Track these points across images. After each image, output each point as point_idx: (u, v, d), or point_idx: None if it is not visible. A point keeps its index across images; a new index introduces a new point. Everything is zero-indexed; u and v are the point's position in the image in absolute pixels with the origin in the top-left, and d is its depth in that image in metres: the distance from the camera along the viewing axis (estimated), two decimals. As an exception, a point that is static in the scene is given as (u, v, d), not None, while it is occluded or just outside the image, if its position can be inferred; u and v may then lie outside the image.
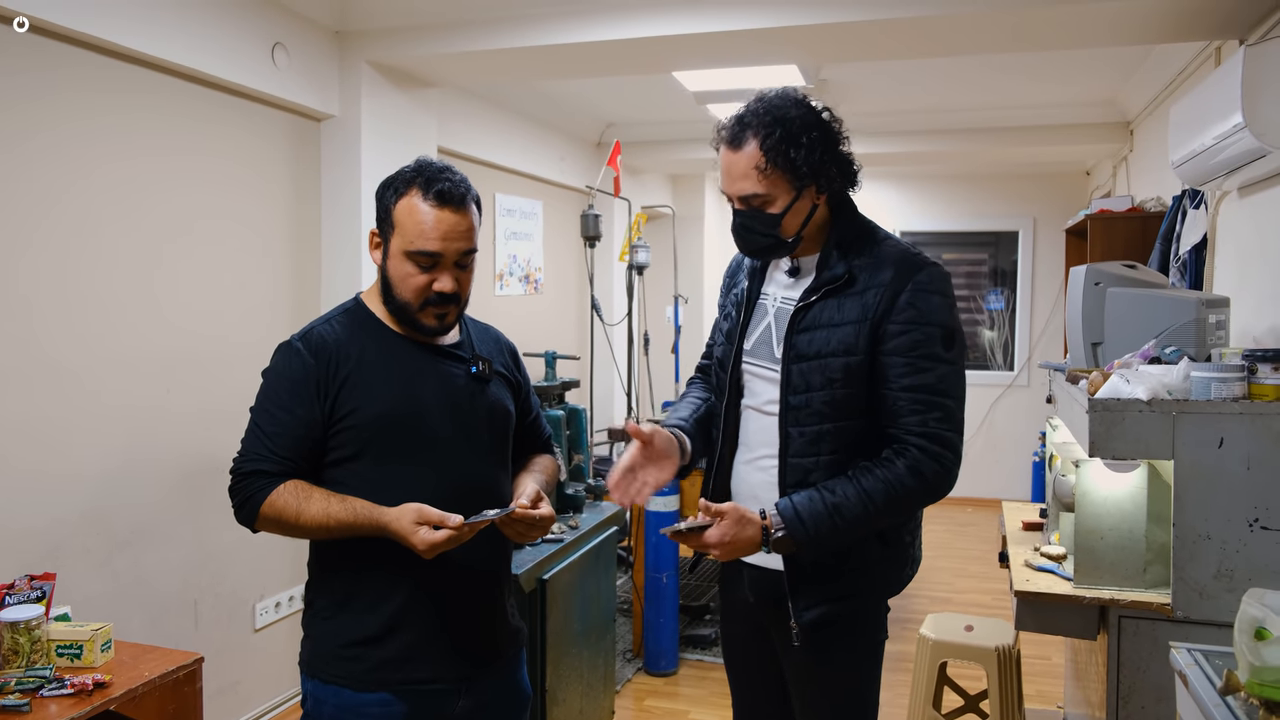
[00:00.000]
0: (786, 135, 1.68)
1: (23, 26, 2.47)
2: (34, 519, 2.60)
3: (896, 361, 1.67)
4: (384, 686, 1.68)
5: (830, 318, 1.72)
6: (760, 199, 1.72)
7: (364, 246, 3.70)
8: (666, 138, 6.17)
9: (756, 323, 1.86)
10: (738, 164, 1.72)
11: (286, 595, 3.57)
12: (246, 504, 1.65)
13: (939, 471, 1.67)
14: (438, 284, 1.69)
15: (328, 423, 1.67)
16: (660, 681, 3.98)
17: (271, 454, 1.65)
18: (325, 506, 1.61)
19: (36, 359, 2.61)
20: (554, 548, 2.67)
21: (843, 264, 1.74)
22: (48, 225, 2.64)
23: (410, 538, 1.56)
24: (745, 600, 1.91)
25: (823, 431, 1.71)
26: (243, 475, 1.66)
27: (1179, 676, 1.73)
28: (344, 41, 3.68)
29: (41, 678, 2.05)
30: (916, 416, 1.66)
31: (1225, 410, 2.16)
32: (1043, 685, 3.82)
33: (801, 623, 1.75)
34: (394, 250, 1.69)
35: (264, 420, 1.68)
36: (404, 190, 1.68)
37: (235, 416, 3.21)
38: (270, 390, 1.71)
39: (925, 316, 1.68)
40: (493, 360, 1.85)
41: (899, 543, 1.82)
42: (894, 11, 3.15)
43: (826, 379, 1.70)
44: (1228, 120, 2.72)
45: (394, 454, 1.68)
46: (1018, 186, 7.41)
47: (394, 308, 1.73)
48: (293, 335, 1.74)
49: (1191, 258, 3.67)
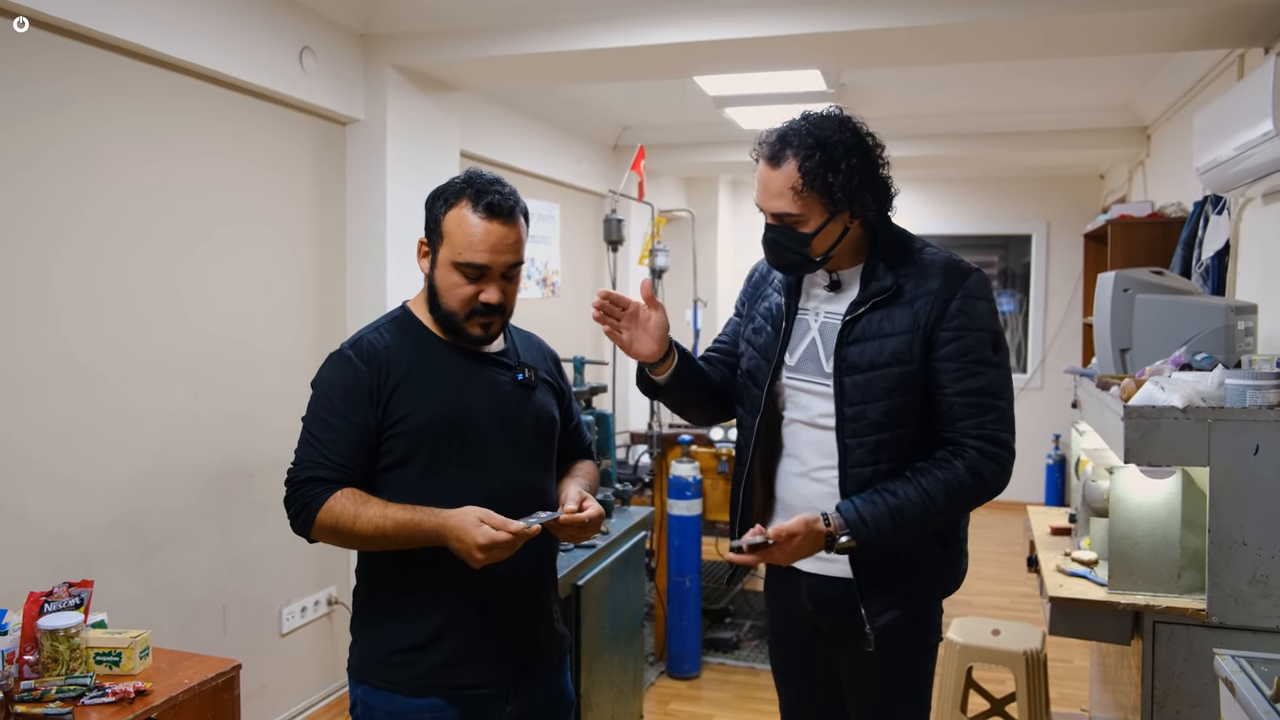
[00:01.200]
0: (826, 159, 1.69)
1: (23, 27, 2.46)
2: (66, 524, 2.61)
3: (949, 367, 1.71)
4: (434, 692, 1.69)
5: (880, 328, 1.74)
6: (793, 218, 1.74)
7: (389, 250, 3.71)
8: (681, 141, 6.19)
9: (799, 338, 1.86)
10: (774, 182, 1.74)
11: (312, 599, 3.59)
12: (303, 511, 1.65)
13: (996, 470, 1.71)
14: (484, 295, 1.70)
15: (380, 429, 1.68)
16: (684, 685, 3.99)
17: (327, 461, 1.65)
18: (383, 510, 1.61)
19: (65, 363, 2.62)
20: (587, 553, 2.68)
21: (890, 275, 1.76)
22: (78, 230, 2.65)
23: (472, 530, 1.55)
24: (801, 608, 1.91)
25: (881, 441, 1.73)
26: (299, 483, 1.66)
27: (1224, 684, 1.74)
28: (369, 45, 3.69)
29: (82, 686, 2.05)
30: (972, 420, 1.70)
31: (1261, 418, 2.16)
32: (1066, 689, 3.82)
33: (876, 627, 1.76)
34: (442, 260, 1.71)
35: (318, 428, 1.68)
36: (454, 201, 1.69)
37: (260, 420, 3.27)
38: (323, 398, 1.70)
39: (975, 322, 1.72)
40: (537, 368, 1.86)
41: (956, 542, 1.86)
42: (924, 19, 3.16)
43: (883, 389, 1.72)
44: (1257, 128, 2.73)
45: (443, 459, 1.69)
46: (1032, 190, 7.41)
47: (439, 316, 1.74)
48: (343, 344, 1.75)
49: (1214, 264, 3.67)
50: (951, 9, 3.13)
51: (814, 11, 3.29)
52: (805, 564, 1.83)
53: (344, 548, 1.72)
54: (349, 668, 1.77)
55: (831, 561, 1.80)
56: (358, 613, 1.79)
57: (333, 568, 3.73)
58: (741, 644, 4.36)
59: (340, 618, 3.76)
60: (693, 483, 3.95)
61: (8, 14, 2.42)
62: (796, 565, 1.85)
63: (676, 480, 3.95)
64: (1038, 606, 5.02)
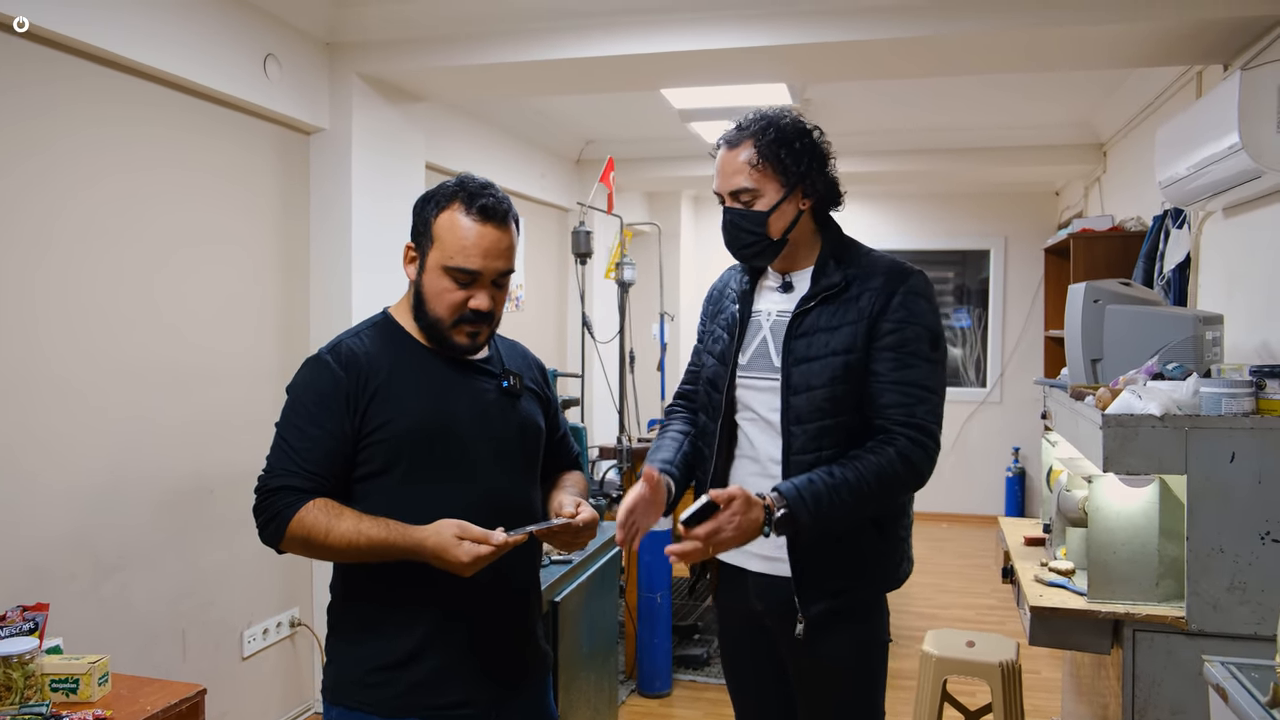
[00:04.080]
0: (779, 137, 1.82)
1: (22, 27, 2.40)
2: (16, 544, 2.49)
3: (887, 356, 1.78)
4: (412, 712, 1.62)
5: (827, 322, 1.82)
6: (750, 194, 1.83)
7: (354, 261, 3.64)
8: (645, 155, 6.18)
9: (750, 339, 1.93)
10: (732, 161, 1.85)
11: (274, 621, 3.48)
12: (273, 521, 1.57)
13: (924, 458, 1.77)
14: (474, 301, 1.65)
15: (357, 437, 1.62)
16: (655, 703, 3.93)
17: (300, 469, 1.58)
18: (356, 524, 1.55)
19: (12, 374, 2.51)
20: (563, 569, 2.62)
21: (839, 272, 1.85)
22: (45, 242, 2.56)
23: (452, 550, 1.51)
24: (750, 609, 1.94)
25: (824, 427, 1.79)
26: (270, 491, 1.58)
27: (1215, 690, 1.73)
28: (335, 54, 3.62)
29: (39, 715, 1.95)
30: (904, 408, 1.77)
31: (1236, 425, 2.19)
32: (1036, 700, 3.84)
33: (808, 616, 1.80)
34: (431, 264, 1.66)
35: (292, 435, 1.61)
36: (445, 204, 1.65)
37: (220, 434, 3.16)
38: (298, 404, 1.63)
39: (915, 318, 1.80)
40: (523, 376, 1.81)
41: (894, 536, 1.90)
42: (891, 32, 3.18)
43: (827, 378, 1.79)
44: (1222, 141, 2.79)
45: (424, 469, 1.63)
46: (990, 206, 7.52)
47: (425, 323, 1.69)
48: (321, 348, 1.69)
49: (1175, 276, 3.74)
50: (918, 23, 3.16)
51: (783, 24, 3.30)
52: (752, 564, 1.89)
53: (314, 558, 1.66)
54: (323, 687, 1.70)
55: (778, 560, 1.84)
56: (332, 630, 1.72)
57: (296, 588, 3.62)
58: (711, 660, 4.32)
59: (303, 640, 3.65)
60: (663, 497, 3.90)
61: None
62: (744, 566, 1.91)
63: (647, 495, 3.89)
64: (1004, 619, 5.05)
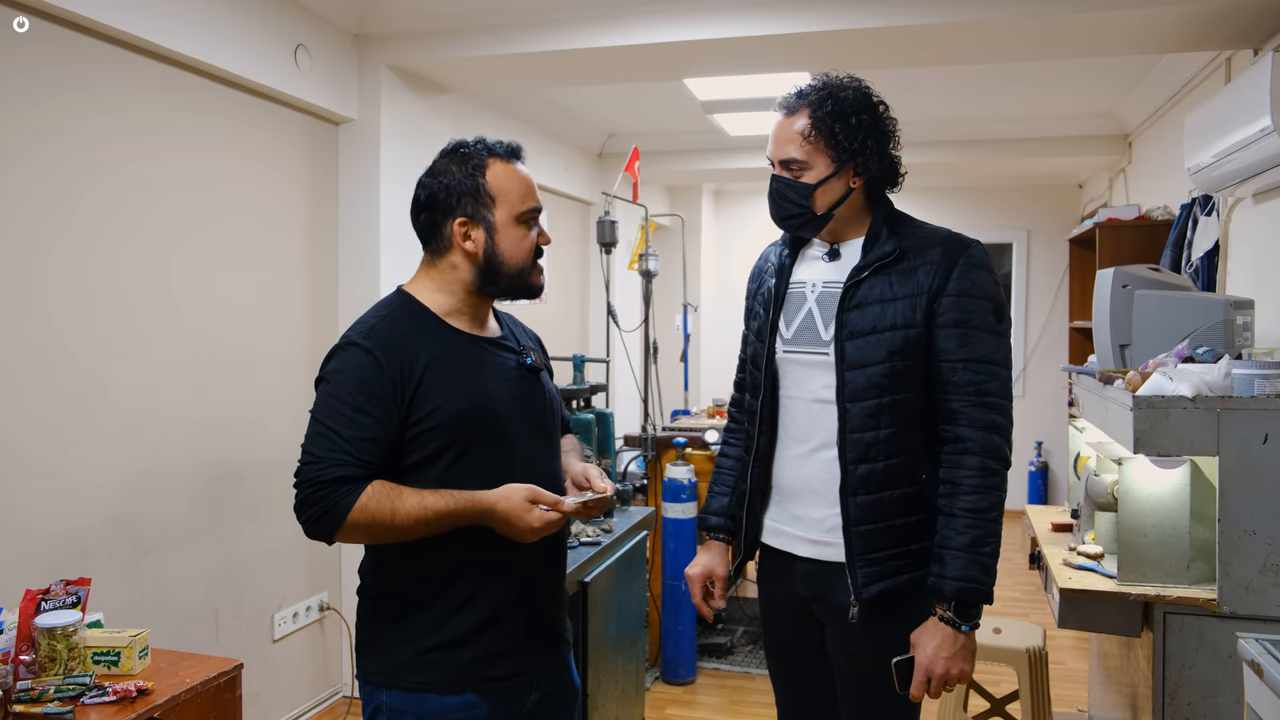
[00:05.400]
0: (837, 110, 1.75)
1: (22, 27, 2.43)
2: (60, 524, 2.54)
3: (951, 333, 1.72)
4: (470, 687, 1.62)
5: (883, 293, 1.75)
6: (798, 165, 1.78)
7: (382, 251, 3.67)
8: (667, 148, 6.19)
9: (794, 312, 1.86)
10: (785, 129, 1.79)
11: (304, 605, 3.52)
12: (330, 513, 1.51)
13: (1002, 444, 1.73)
14: (541, 238, 1.72)
15: (404, 425, 1.58)
16: (679, 690, 3.95)
17: (355, 459, 1.53)
18: (420, 500, 1.53)
19: (60, 361, 2.56)
20: (591, 551, 2.64)
21: (892, 241, 1.78)
22: (73, 226, 2.60)
23: (524, 516, 1.53)
24: (796, 595, 1.89)
25: (882, 405, 1.73)
26: (324, 484, 1.51)
27: (1250, 666, 1.74)
28: (363, 45, 3.66)
29: (82, 685, 1.99)
30: (974, 385, 1.71)
31: (1270, 406, 2.18)
32: (1062, 690, 3.83)
33: (862, 598, 1.74)
34: (502, 221, 1.66)
35: (340, 424, 1.54)
36: (485, 161, 1.67)
37: (252, 422, 3.21)
38: (341, 392, 1.56)
39: (978, 289, 1.73)
40: (534, 350, 1.83)
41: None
42: (914, 18, 3.18)
43: (887, 351, 1.72)
44: (1254, 124, 2.77)
45: (472, 451, 1.62)
46: (1013, 199, 7.49)
47: (505, 283, 1.69)
48: (352, 333, 1.63)
49: (1204, 264, 3.71)
50: (942, 9, 3.15)
51: (805, 11, 3.31)
52: (800, 548, 1.85)
53: (373, 543, 1.63)
54: (368, 673, 1.66)
55: (828, 545, 1.80)
56: (375, 615, 1.68)
57: (325, 573, 3.66)
58: (735, 649, 4.33)
59: (332, 623, 3.69)
60: (688, 485, 3.92)
61: (9, 6, 2.38)
62: (791, 551, 1.87)
63: (671, 483, 3.92)
64: (1030, 609, 5.03)
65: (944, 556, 1.68)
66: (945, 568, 1.68)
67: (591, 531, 2.78)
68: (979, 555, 1.67)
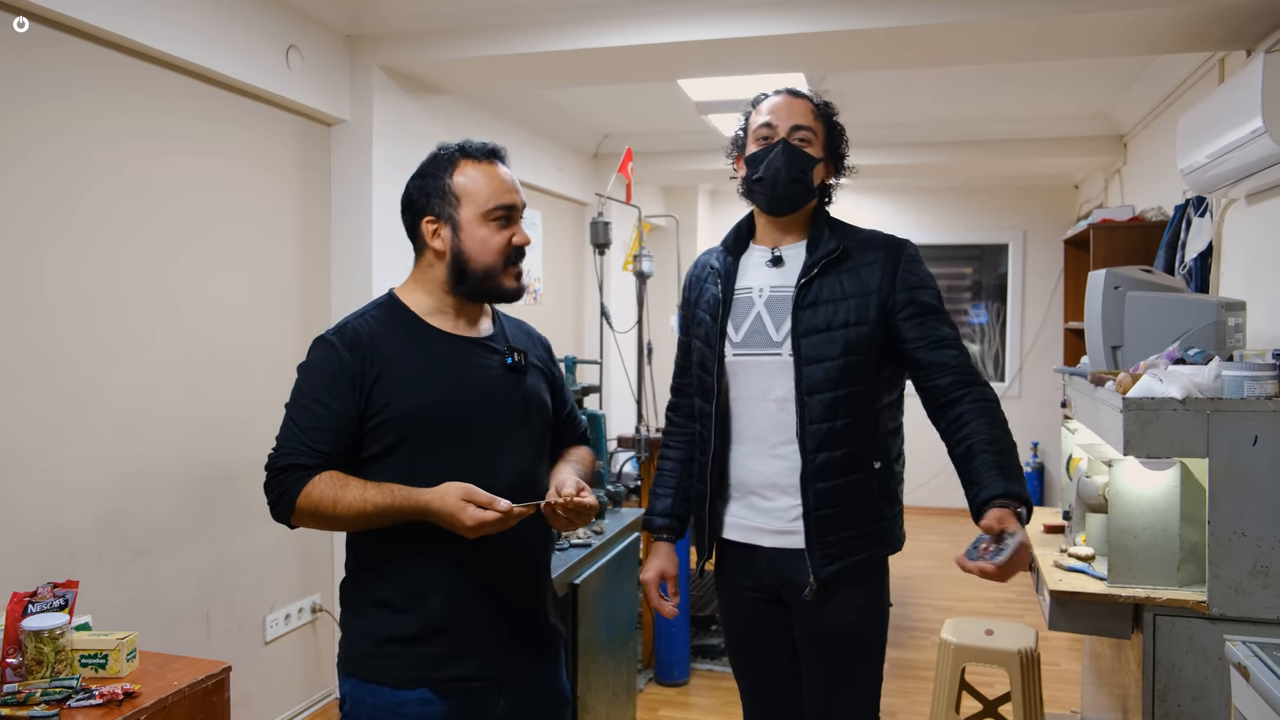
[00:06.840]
0: (828, 111, 2.00)
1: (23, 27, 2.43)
2: (52, 523, 2.54)
3: (914, 324, 1.87)
4: (424, 684, 1.63)
5: (833, 293, 1.88)
6: (809, 134, 1.93)
7: (374, 253, 3.66)
8: (662, 149, 6.20)
9: (741, 317, 1.95)
10: (797, 104, 1.96)
11: (296, 607, 3.51)
12: (283, 498, 1.61)
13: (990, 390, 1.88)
14: (516, 238, 1.71)
15: (363, 417, 1.64)
16: (672, 692, 3.95)
17: (307, 448, 1.61)
18: (362, 493, 1.58)
19: (53, 360, 2.55)
20: (582, 553, 2.64)
21: (835, 239, 1.92)
22: (70, 228, 2.59)
23: (458, 514, 1.53)
24: (762, 583, 1.96)
25: (838, 397, 1.84)
26: (279, 470, 1.62)
27: (1237, 669, 1.73)
28: (355, 45, 3.65)
29: (68, 688, 1.98)
30: (954, 356, 1.87)
31: (1259, 408, 2.18)
32: (1055, 691, 3.83)
33: (819, 578, 1.85)
34: (467, 220, 1.68)
35: (299, 415, 1.64)
36: (454, 162, 1.70)
37: (244, 423, 3.20)
38: (305, 385, 1.66)
39: (923, 281, 1.91)
40: (528, 353, 1.82)
41: (897, 501, 1.97)
42: (909, 19, 3.18)
43: (842, 347, 1.85)
44: (1245, 126, 2.77)
45: (431, 447, 1.64)
46: (1009, 200, 7.49)
47: (474, 283, 1.70)
48: (327, 330, 1.71)
49: (1197, 265, 3.72)
50: (936, 10, 3.15)
51: (800, 11, 3.30)
52: (765, 540, 1.94)
53: (327, 530, 1.68)
54: (338, 660, 1.72)
55: (789, 534, 1.90)
56: (345, 603, 1.74)
57: (317, 575, 3.65)
58: (729, 650, 4.32)
59: (324, 625, 3.69)
60: (681, 487, 3.91)
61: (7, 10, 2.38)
62: (756, 543, 1.95)
63: (665, 484, 3.90)
64: (1023, 611, 5.03)
65: (996, 471, 1.74)
66: (1006, 475, 1.74)
67: (583, 533, 2.78)
68: (1009, 458, 1.78)
